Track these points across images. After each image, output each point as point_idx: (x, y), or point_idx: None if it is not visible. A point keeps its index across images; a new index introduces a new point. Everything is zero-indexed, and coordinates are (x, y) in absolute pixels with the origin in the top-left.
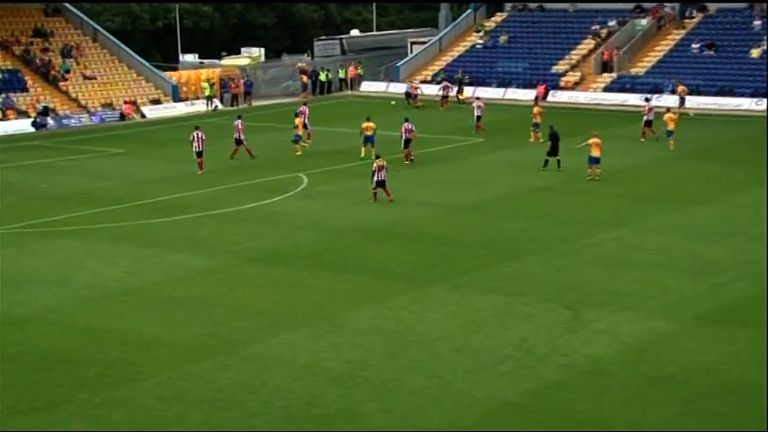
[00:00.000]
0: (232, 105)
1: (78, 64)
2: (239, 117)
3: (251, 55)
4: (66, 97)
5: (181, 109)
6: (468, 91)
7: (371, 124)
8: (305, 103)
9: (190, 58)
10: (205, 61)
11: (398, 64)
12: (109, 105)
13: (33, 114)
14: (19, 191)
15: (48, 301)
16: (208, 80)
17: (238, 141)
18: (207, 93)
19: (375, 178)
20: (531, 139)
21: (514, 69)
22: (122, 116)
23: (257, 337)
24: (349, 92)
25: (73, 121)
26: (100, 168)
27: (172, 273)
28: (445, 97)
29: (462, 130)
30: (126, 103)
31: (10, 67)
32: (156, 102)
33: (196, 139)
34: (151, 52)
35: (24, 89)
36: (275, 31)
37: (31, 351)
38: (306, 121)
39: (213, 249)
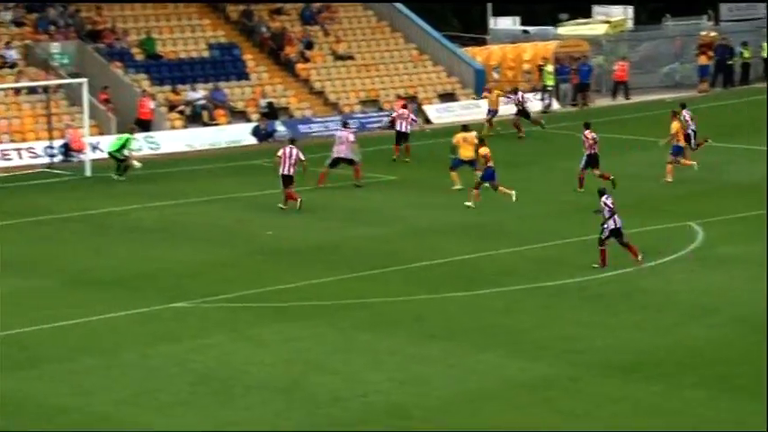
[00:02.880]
0: (574, 102)
1: (327, 35)
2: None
3: (609, 18)
4: (307, 89)
5: (487, 108)
6: None
7: None
8: (683, 105)
9: (506, 23)
10: (532, 29)
11: None
12: (372, 102)
13: (256, 116)
14: (230, 241)
15: (272, 418)
16: (543, 62)
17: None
18: (547, 81)
19: None
20: None
21: None
22: (392, 121)
23: None
24: None
25: (315, 126)
26: (357, 205)
27: (469, 384)
28: None
29: None
30: (399, 98)
31: (222, 40)
32: (449, 97)
33: (285, 157)
34: (443, 15)
35: (243, 76)
36: None
37: None
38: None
39: (538, 348)
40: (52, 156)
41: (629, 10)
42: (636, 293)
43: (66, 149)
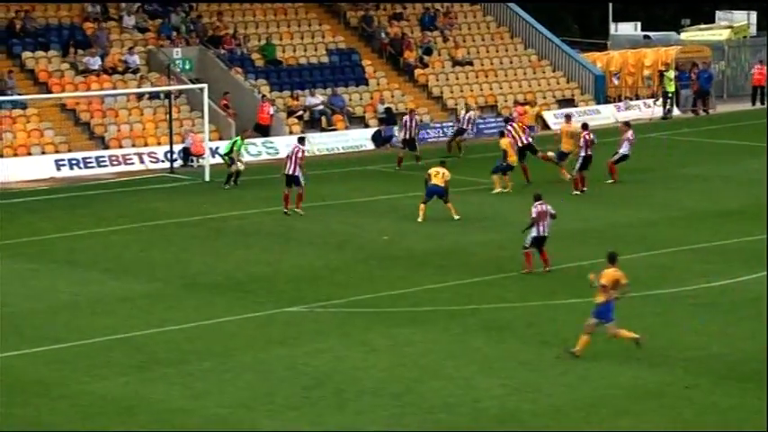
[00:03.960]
0: (694, 108)
1: (446, 41)
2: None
3: (732, 23)
4: (425, 95)
5: (607, 114)
6: None
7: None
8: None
9: (627, 29)
10: (653, 35)
11: None
12: (490, 108)
13: (374, 122)
14: (345, 246)
15: (385, 423)
16: (665, 67)
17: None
18: (668, 87)
19: None
20: None
21: None
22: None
23: None
24: None
25: (432, 132)
26: (472, 211)
27: (582, 392)
28: None
29: None
30: (518, 104)
31: (342, 46)
32: (568, 102)
33: (294, 155)
34: (563, 20)
35: (361, 81)
36: None
37: None
38: None
39: (652, 356)
40: (173, 160)
41: (753, 15)
42: (750, 302)
43: (187, 154)
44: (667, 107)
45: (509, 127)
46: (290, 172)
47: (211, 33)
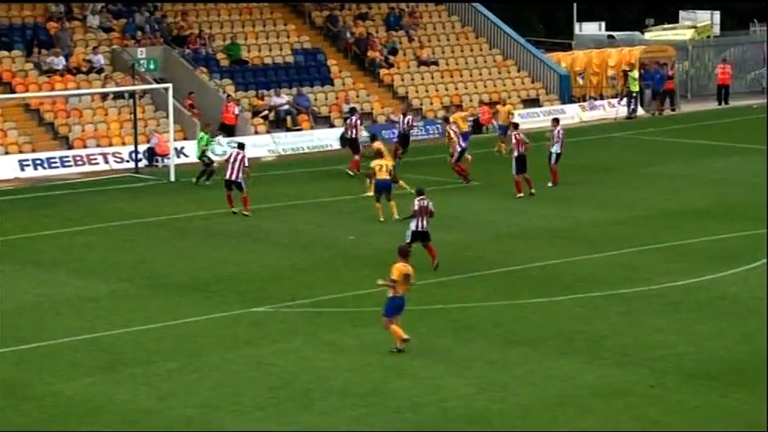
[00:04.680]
0: (660, 109)
1: (411, 40)
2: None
3: (696, 23)
4: (390, 94)
5: (572, 113)
6: None
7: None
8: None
9: (592, 29)
10: (617, 35)
11: None
12: (456, 108)
13: (339, 122)
14: (311, 246)
15: (352, 423)
16: (629, 67)
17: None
18: (632, 87)
19: None
20: None
21: None
22: (477, 125)
23: None
24: None
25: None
26: (439, 211)
27: (548, 391)
28: None
29: None
30: (483, 104)
31: (307, 46)
32: (533, 102)
33: (232, 161)
34: (528, 20)
35: (327, 81)
36: None
37: None
38: None
39: (618, 355)
40: (137, 160)
41: (717, 15)
42: (715, 301)
43: (152, 154)
44: (632, 107)
45: (450, 128)
46: (232, 177)
47: (176, 33)
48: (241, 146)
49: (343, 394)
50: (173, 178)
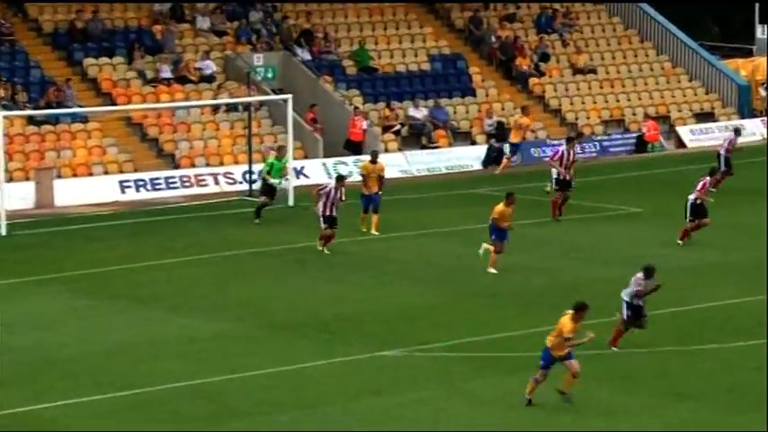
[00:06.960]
0: None
1: (566, 45)
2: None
3: None
4: (541, 107)
5: (753, 129)
6: None
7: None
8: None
9: None
10: None
11: None
12: (615, 122)
13: (481, 138)
14: (447, 281)
15: None
16: None
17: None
18: None
19: None
20: None
21: None
22: (641, 142)
23: None
24: None
25: (547, 149)
26: (597, 242)
27: None
28: None
29: None
30: (648, 118)
31: (446, 51)
32: (707, 116)
33: (332, 196)
34: (701, 22)
35: (468, 91)
36: None
37: None
38: None
39: None
40: (252, 182)
41: None
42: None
43: None
44: None
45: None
46: (330, 213)
47: (297, 37)
48: (340, 178)
49: None
50: (291, 203)
